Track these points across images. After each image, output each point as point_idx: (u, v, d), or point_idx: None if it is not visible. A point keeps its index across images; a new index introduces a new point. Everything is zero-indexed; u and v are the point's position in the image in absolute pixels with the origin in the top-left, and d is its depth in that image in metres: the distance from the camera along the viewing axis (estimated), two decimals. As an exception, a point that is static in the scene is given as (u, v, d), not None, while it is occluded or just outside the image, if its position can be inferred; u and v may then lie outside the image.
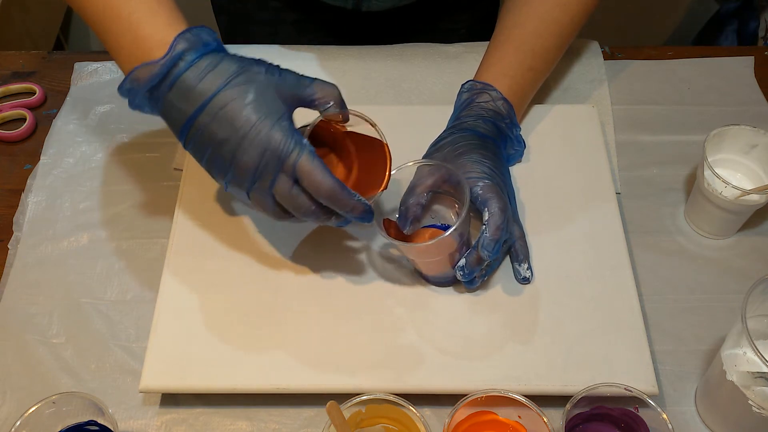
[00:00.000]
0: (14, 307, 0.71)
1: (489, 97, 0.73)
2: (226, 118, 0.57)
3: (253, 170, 0.57)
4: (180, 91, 0.57)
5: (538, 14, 0.76)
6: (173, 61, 0.57)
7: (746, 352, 0.59)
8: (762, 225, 0.76)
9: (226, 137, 0.57)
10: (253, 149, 0.57)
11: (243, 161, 0.57)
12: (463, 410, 0.58)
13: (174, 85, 0.57)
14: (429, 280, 0.69)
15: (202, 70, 0.57)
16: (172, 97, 0.58)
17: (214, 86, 0.57)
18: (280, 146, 0.57)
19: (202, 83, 0.57)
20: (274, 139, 0.57)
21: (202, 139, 0.58)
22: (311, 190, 0.58)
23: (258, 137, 0.57)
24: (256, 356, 0.64)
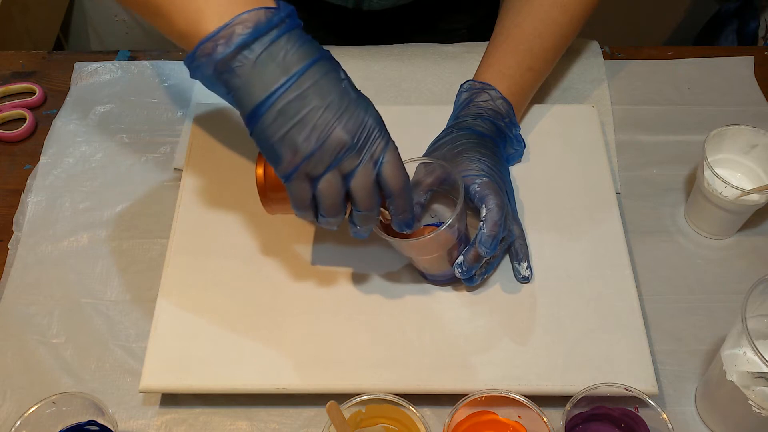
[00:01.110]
0: (14, 307, 0.71)
1: (488, 96, 0.73)
2: (325, 88, 0.53)
3: (343, 147, 0.53)
4: (269, 58, 0.52)
5: (538, 14, 0.76)
6: (259, 31, 0.52)
7: (746, 352, 0.59)
8: (762, 225, 0.76)
9: (322, 105, 0.52)
10: (352, 122, 0.53)
11: (337, 134, 0.53)
12: (463, 410, 0.58)
13: (264, 51, 0.52)
14: (429, 279, 0.69)
15: (294, 41, 0.53)
16: (258, 64, 0.52)
17: (309, 56, 0.53)
18: (378, 126, 0.55)
19: (296, 53, 0.52)
20: (374, 117, 0.55)
21: (289, 110, 0.52)
22: (390, 180, 0.56)
23: (358, 110, 0.54)
24: (256, 356, 0.64)
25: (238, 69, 0.52)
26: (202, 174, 0.76)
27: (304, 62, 0.53)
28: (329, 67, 0.54)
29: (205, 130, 0.79)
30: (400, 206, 0.59)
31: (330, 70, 0.54)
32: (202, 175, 0.76)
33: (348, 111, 0.54)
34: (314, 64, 0.53)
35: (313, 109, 0.53)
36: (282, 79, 0.52)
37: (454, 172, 0.65)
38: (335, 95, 0.53)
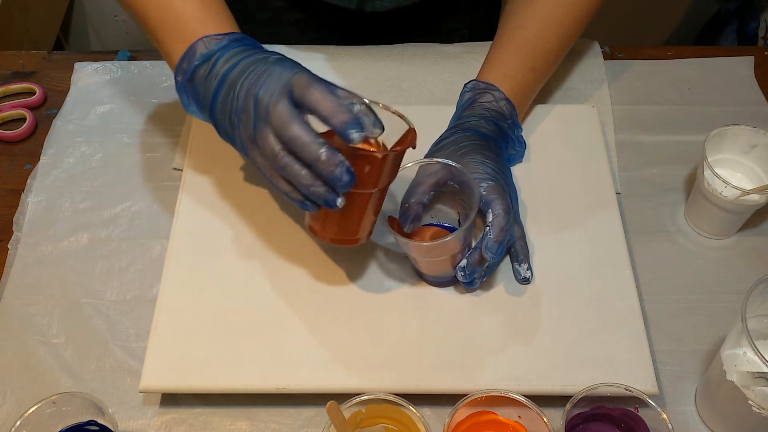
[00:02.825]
0: (14, 307, 0.71)
1: (492, 97, 0.73)
2: (246, 74, 0.60)
3: (252, 97, 0.58)
4: (212, 72, 0.62)
5: (541, 15, 0.76)
6: (211, 53, 0.63)
7: (746, 352, 0.59)
8: (762, 225, 0.76)
9: (244, 85, 0.59)
10: (269, 81, 0.58)
11: (251, 95, 0.58)
12: (463, 410, 0.58)
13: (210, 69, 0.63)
14: (428, 281, 0.69)
15: (232, 55, 0.62)
16: (206, 79, 0.63)
17: (238, 59, 0.61)
18: (283, 67, 0.59)
19: (228, 62, 0.62)
20: (283, 63, 0.59)
21: (225, 102, 0.61)
22: (303, 93, 0.56)
23: (272, 69, 0.59)
24: (256, 356, 0.64)
25: (196, 85, 0.63)
26: (202, 174, 0.76)
27: (234, 62, 0.62)
28: (256, 56, 0.61)
29: (205, 130, 0.79)
30: (326, 111, 0.56)
31: (256, 58, 0.61)
32: (202, 175, 0.76)
33: (258, 73, 0.59)
34: (242, 60, 0.61)
35: (236, 89, 0.60)
36: (216, 82, 0.62)
37: (470, 179, 0.65)
38: (252, 68, 0.60)
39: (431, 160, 0.68)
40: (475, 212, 0.63)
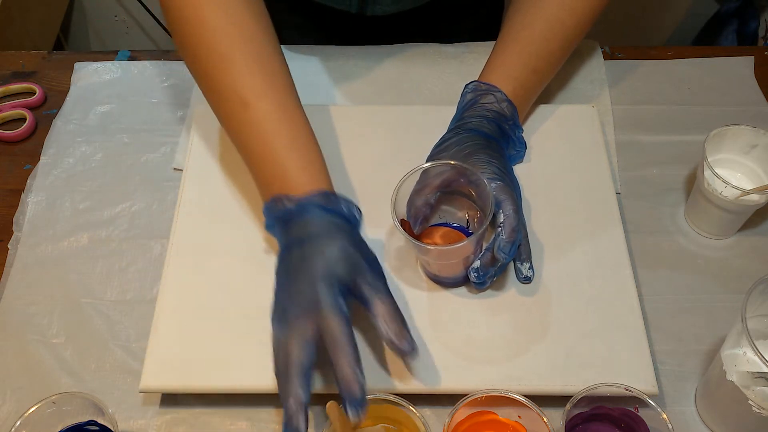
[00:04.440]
0: (14, 307, 0.71)
1: (493, 98, 0.73)
2: (298, 256, 0.60)
3: (285, 308, 0.58)
4: (286, 228, 0.62)
5: (545, 16, 0.75)
6: (298, 209, 0.62)
7: (746, 352, 0.59)
8: (762, 225, 0.76)
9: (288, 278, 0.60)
10: (297, 287, 0.58)
11: (284, 297, 0.59)
12: (463, 410, 0.58)
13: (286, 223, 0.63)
14: (439, 282, 0.69)
15: (301, 226, 0.61)
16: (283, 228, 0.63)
17: (298, 234, 0.61)
18: (324, 300, 0.57)
19: (294, 230, 0.61)
20: (319, 288, 0.58)
21: (285, 263, 0.61)
22: (327, 340, 0.56)
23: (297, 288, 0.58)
24: (256, 356, 0.64)
25: (277, 224, 0.63)
26: (202, 174, 0.76)
27: (294, 237, 0.61)
28: (314, 244, 0.60)
29: (205, 130, 0.79)
30: (341, 373, 0.56)
31: (312, 246, 0.60)
32: (202, 175, 0.76)
33: (299, 282, 0.59)
34: (297, 248, 0.60)
35: (283, 276, 0.61)
36: (283, 243, 0.62)
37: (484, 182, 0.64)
38: (299, 266, 0.59)
39: (444, 162, 0.67)
40: (491, 215, 0.63)
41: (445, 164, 0.67)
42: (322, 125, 0.80)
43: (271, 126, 0.65)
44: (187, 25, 0.67)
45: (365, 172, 0.76)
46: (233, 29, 0.67)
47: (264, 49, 0.68)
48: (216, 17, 0.66)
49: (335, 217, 0.62)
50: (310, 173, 0.64)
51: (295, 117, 0.66)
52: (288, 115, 0.66)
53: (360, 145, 0.78)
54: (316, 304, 0.57)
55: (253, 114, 0.65)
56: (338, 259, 0.59)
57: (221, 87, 0.66)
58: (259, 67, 0.66)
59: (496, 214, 0.65)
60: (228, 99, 0.66)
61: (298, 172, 0.63)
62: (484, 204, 0.65)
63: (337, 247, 0.59)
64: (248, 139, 0.66)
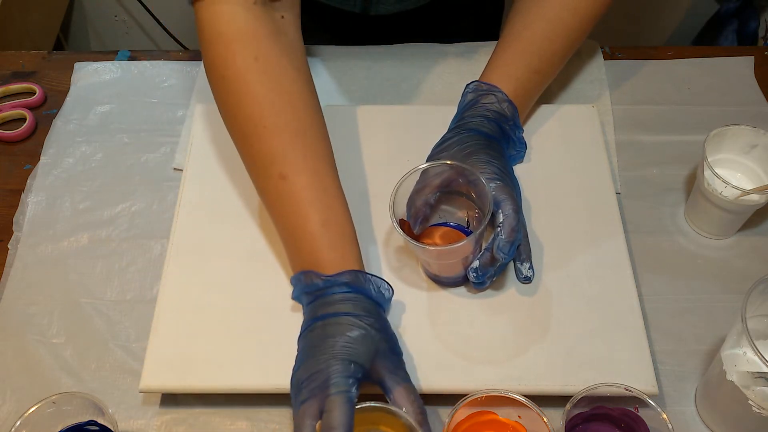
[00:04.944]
0: (14, 307, 0.71)
1: (494, 98, 0.73)
2: (315, 341, 0.59)
3: (298, 385, 0.58)
4: (312, 303, 0.62)
5: (547, 16, 0.75)
6: (325, 285, 0.62)
7: (746, 352, 0.59)
8: (762, 225, 0.76)
9: (306, 354, 0.59)
10: (311, 364, 0.58)
11: (299, 372, 0.59)
12: (463, 410, 0.58)
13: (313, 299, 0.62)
14: (438, 281, 0.69)
15: (324, 303, 0.61)
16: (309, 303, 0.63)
17: (321, 313, 0.61)
18: (331, 375, 0.57)
19: (319, 308, 0.61)
20: (341, 363, 0.57)
21: (305, 339, 0.61)
22: (324, 421, 0.56)
23: (325, 355, 0.58)
24: (256, 356, 0.64)
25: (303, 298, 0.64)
26: (202, 174, 0.76)
27: (317, 315, 0.61)
28: (335, 323, 0.60)
29: (205, 130, 0.79)
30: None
31: (333, 326, 0.59)
32: (202, 175, 0.76)
33: (315, 359, 0.58)
34: (324, 318, 0.60)
35: (301, 353, 0.61)
36: (308, 318, 0.62)
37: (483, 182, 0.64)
38: (318, 346, 0.59)
39: (443, 162, 0.67)
40: (489, 215, 0.63)
41: (444, 164, 0.67)
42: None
43: (306, 201, 0.64)
44: (226, 85, 0.65)
45: (365, 172, 0.76)
46: (277, 98, 0.65)
47: (307, 119, 0.66)
48: (261, 84, 0.65)
49: (362, 297, 0.61)
50: (342, 253, 0.63)
51: (331, 192, 0.65)
52: (324, 190, 0.65)
53: (360, 145, 0.78)
54: (326, 383, 0.56)
55: (290, 187, 0.64)
56: (359, 343, 0.58)
57: (260, 156, 0.65)
58: (301, 140, 0.65)
59: (496, 214, 0.65)
60: (266, 169, 0.65)
61: (329, 250, 0.63)
62: (483, 204, 0.65)
63: (359, 329, 0.59)
64: (283, 211, 0.65)
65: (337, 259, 0.62)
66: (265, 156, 0.65)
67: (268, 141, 0.65)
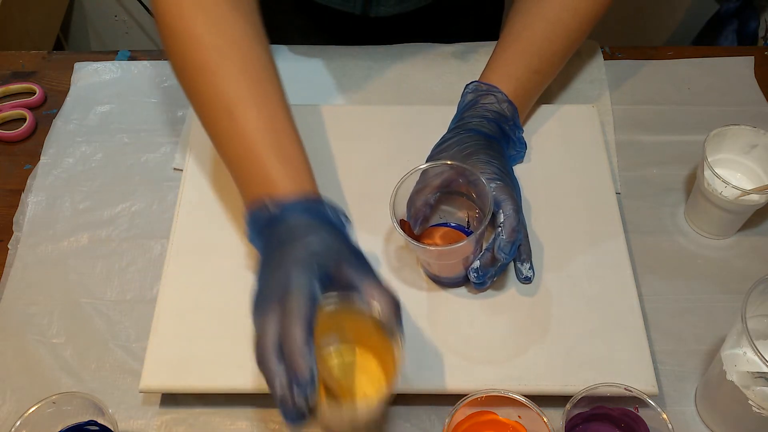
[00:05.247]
0: (14, 307, 0.71)
1: (494, 99, 0.73)
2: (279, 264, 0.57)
3: (259, 296, 0.57)
4: (267, 230, 0.60)
5: (547, 17, 0.75)
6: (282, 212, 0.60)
7: (746, 352, 0.59)
8: (762, 225, 0.76)
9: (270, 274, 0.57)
10: (273, 276, 0.56)
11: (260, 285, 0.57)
12: (463, 410, 0.58)
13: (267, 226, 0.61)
14: (439, 281, 0.69)
15: (294, 225, 0.59)
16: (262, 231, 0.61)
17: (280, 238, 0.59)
18: (298, 295, 0.55)
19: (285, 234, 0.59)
20: (300, 269, 0.56)
21: (259, 269, 0.59)
22: (283, 316, 0.54)
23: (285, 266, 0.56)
24: (256, 356, 0.64)
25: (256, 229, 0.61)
26: (202, 174, 0.76)
27: (279, 238, 0.59)
28: (295, 244, 0.57)
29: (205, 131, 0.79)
30: (287, 355, 0.53)
31: (294, 245, 0.57)
32: (202, 175, 0.76)
33: (276, 271, 0.56)
34: (285, 243, 0.58)
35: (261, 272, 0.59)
36: (263, 245, 0.60)
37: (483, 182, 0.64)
38: (279, 260, 0.57)
39: (443, 162, 0.67)
40: (489, 215, 0.63)
41: (444, 164, 0.67)
42: (322, 125, 0.80)
43: (255, 134, 0.63)
44: (174, 36, 0.66)
45: (365, 172, 0.76)
46: (224, 44, 0.65)
47: (255, 61, 0.66)
48: (203, 27, 0.65)
49: (320, 220, 0.60)
50: (295, 179, 0.62)
51: (280, 123, 0.65)
52: (273, 122, 0.64)
53: (360, 145, 0.78)
54: (286, 284, 0.55)
55: (239, 121, 0.64)
56: (320, 246, 0.57)
57: (208, 97, 0.65)
58: (245, 76, 0.65)
59: (496, 214, 0.65)
60: (214, 109, 0.65)
61: (282, 177, 0.62)
62: (484, 204, 0.65)
63: (319, 237, 0.57)
64: (233, 147, 0.64)
65: (291, 186, 0.61)
66: (213, 96, 0.65)
67: (213, 81, 0.65)
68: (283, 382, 0.52)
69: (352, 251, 0.59)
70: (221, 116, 0.64)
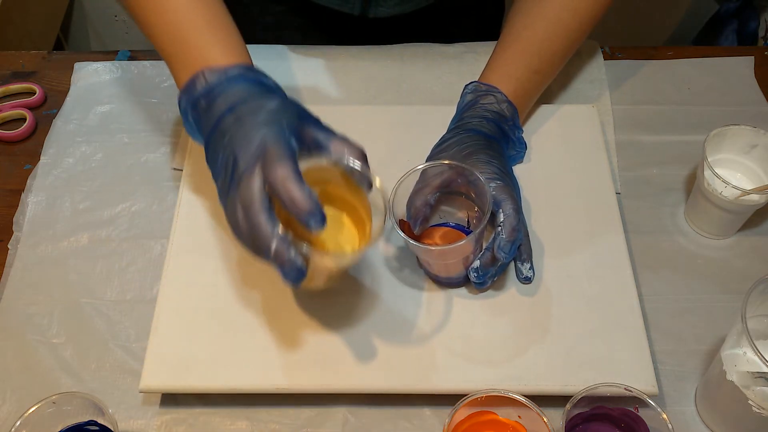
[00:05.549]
0: (14, 307, 0.71)
1: (494, 99, 0.73)
2: (240, 122, 0.57)
3: (233, 161, 0.56)
4: (209, 105, 0.60)
5: (547, 17, 0.75)
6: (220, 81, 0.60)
7: (746, 352, 0.59)
8: (762, 225, 0.76)
9: (233, 135, 0.57)
10: (241, 136, 0.55)
11: (232, 154, 0.56)
12: (463, 410, 0.58)
13: (209, 101, 0.60)
14: (439, 282, 0.69)
15: (231, 93, 0.59)
16: (206, 110, 0.60)
17: (231, 102, 0.58)
18: (274, 142, 0.54)
19: (225, 101, 0.59)
20: (271, 136, 0.55)
21: (215, 143, 0.59)
22: (266, 175, 0.53)
23: (253, 133, 0.55)
24: (256, 356, 0.64)
25: (196, 114, 0.61)
26: (202, 174, 0.76)
27: (227, 106, 0.59)
28: (251, 104, 0.58)
29: (205, 130, 0.79)
30: (286, 196, 0.53)
31: (250, 106, 0.58)
32: (202, 175, 0.76)
33: (244, 132, 0.56)
34: (235, 108, 0.58)
35: (224, 141, 0.58)
36: (210, 124, 0.59)
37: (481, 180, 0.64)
38: (242, 123, 0.57)
39: (441, 162, 0.67)
40: (488, 214, 0.63)
41: (442, 164, 0.67)
42: (322, 125, 0.80)
43: (186, 9, 0.63)
44: None
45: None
46: None
47: None
48: None
49: (266, 87, 0.60)
50: (232, 51, 0.62)
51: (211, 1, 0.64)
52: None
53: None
54: (261, 146, 0.54)
55: (166, 3, 0.63)
56: (280, 108, 0.56)
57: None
58: None
59: (496, 213, 0.65)
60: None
61: (217, 50, 0.61)
62: (483, 203, 0.65)
63: (275, 101, 0.57)
64: (165, 26, 0.64)
65: (227, 55, 0.61)
66: None
67: None
68: (280, 241, 0.52)
69: (308, 113, 0.59)
70: (150, 2, 0.64)
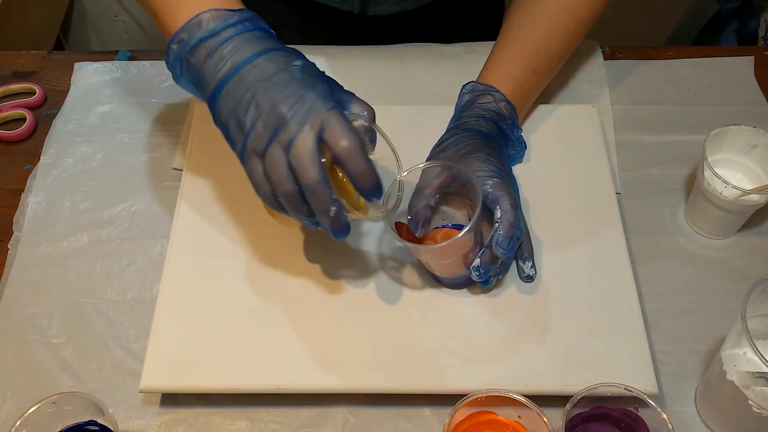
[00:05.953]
0: (14, 307, 0.71)
1: (491, 98, 0.73)
2: (268, 73, 0.56)
3: (278, 120, 0.55)
4: (221, 53, 0.58)
5: (546, 17, 0.75)
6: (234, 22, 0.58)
7: (746, 352, 0.59)
8: (762, 225, 0.76)
9: (263, 87, 0.56)
10: (289, 97, 0.55)
11: (273, 109, 0.55)
12: (463, 410, 0.58)
13: (218, 46, 0.58)
14: (443, 283, 0.69)
15: (247, 38, 0.57)
16: (212, 57, 0.58)
17: (258, 49, 0.57)
18: (321, 99, 0.55)
19: (246, 47, 0.57)
20: (317, 92, 0.55)
21: (234, 93, 0.57)
22: (334, 142, 0.54)
23: (298, 87, 0.55)
24: (256, 356, 0.64)
25: (196, 61, 0.58)
26: (202, 174, 0.76)
27: (250, 54, 0.57)
28: (276, 57, 0.57)
29: (205, 130, 0.79)
30: (355, 170, 0.55)
31: (276, 59, 0.57)
32: (202, 175, 0.76)
33: (288, 88, 0.55)
34: (260, 55, 0.57)
35: (254, 91, 0.56)
36: (226, 70, 0.57)
37: (471, 176, 0.65)
38: (278, 78, 0.56)
39: (432, 163, 0.67)
40: (480, 206, 0.62)
41: (438, 166, 0.67)
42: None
43: None
44: None
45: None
46: None
47: None
48: None
49: (272, 37, 0.59)
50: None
51: None
52: None
53: (360, 145, 0.78)
54: (313, 107, 0.54)
55: None
56: (311, 68, 0.57)
57: None
58: None
59: (494, 210, 0.65)
60: None
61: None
62: (474, 196, 0.64)
63: (300, 56, 0.57)
64: None
65: (230, 2, 0.59)
66: None
67: None
68: (338, 205, 0.55)
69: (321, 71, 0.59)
70: None
